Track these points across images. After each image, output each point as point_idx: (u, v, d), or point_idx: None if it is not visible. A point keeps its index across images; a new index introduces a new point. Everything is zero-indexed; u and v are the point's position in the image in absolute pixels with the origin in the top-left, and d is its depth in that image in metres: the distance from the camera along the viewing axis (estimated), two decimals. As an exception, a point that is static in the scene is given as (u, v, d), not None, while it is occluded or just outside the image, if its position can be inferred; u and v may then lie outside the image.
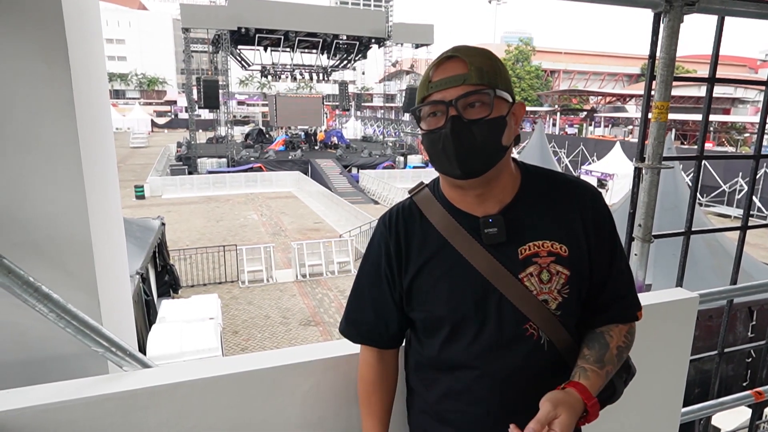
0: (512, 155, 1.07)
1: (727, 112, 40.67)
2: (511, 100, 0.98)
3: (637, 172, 1.88)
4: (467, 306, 1.00)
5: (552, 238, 1.01)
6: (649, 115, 1.82)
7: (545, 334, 1.00)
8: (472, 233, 1.01)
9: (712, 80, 1.90)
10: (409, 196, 1.11)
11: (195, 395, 1.15)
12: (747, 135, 32.02)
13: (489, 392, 1.02)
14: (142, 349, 6.49)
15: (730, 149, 29.98)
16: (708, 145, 29.28)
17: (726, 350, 2.23)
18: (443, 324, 1.03)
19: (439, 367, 1.07)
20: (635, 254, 1.91)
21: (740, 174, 19.79)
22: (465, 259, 1.00)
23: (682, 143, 30.48)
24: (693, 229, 2.05)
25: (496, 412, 1.02)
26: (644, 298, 1.68)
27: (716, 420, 4.52)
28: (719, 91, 39.13)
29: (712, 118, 32.70)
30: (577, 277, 1.01)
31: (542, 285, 0.99)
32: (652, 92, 1.80)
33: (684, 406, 1.90)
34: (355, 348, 1.22)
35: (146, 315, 7.64)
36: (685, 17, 1.75)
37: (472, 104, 0.94)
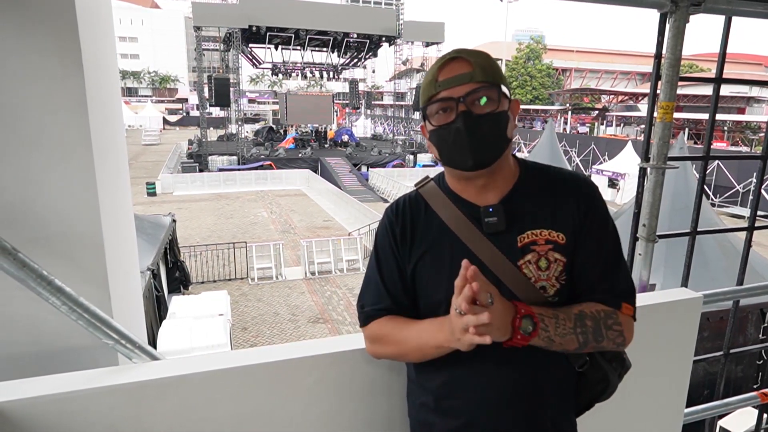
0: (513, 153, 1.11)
1: (742, 111, 40.08)
2: (509, 96, 1.05)
3: (642, 172, 1.88)
4: None
5: (549, 227, 1.04)
6: (655, 115, 1.82)
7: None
8: (473, 222, 1.05)
9: (718, 80, 1.89)
10: (414, 188, 1.15)
11: (202, 387, 1.17)
12: (762, 134, 31.55)
13: (489, 378, 1.04)
14: (153, 344, 6.56)
15: (744, 149, 29.54)
16: (722, 145, 28.90)
17: (732, 351, 2.22)
18: (441, 309, 1.03)
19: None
20: (639, 254, 1.91)
21: (754, 174, 19.51)
22: (467, 247, 1.03)
23: (696, 143, 30.06)
24: (701, 230, 2.05)
25: (496, 399, 1.03)
26: (648, 298, 1.68)
27: (728, 423, 4.49)
28: (734, 89, 38.51)
29: (726, 117, 32.24)
30: (573, 264, 1.04)
31: (540, 272, 1.02)
32: (658, 92, 1.80)
33: (690, 406, 1.90)
34: (359, 343, 1.23)
35: (157, 310, 7.73)
36: (693, 17, 1.74)
37: (479, 100, 0.99)
